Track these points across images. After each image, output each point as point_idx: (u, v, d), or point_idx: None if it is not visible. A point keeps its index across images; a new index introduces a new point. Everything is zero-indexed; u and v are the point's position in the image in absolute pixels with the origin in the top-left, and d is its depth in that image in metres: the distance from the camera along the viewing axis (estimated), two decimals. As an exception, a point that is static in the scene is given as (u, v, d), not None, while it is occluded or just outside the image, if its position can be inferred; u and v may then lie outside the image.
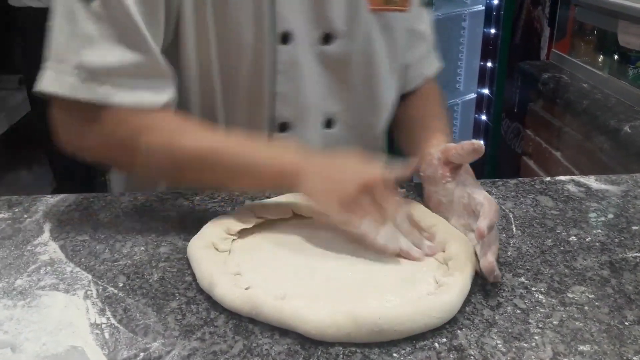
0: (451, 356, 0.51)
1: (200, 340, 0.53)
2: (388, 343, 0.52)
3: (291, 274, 0.61)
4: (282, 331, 0.53)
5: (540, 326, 0.55)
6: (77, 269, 0.63)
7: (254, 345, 0.52)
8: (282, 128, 0.82)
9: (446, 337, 0.53)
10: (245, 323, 0.55)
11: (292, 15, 0.76)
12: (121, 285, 0.60)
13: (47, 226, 0.71)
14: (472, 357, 0.51)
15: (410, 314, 0.53)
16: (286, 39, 0.76)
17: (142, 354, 0.51)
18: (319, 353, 0.51)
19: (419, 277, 0.61)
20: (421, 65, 0.95)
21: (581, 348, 0.52)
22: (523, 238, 0.70)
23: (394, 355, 0.51)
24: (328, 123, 0.85)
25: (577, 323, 0.56)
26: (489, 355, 0.51)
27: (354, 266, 0.62)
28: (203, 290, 0.59)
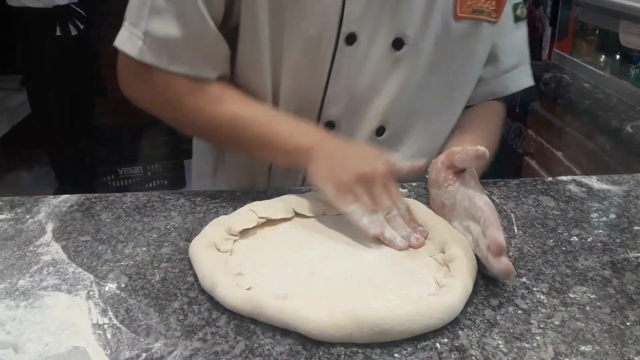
0: (452, 356, 0.51)
1: (202, 340, 0.53)
2: (389, 343, 0.52)
3: (292, 274, 0.61)
4: (284, 331, 0.53)
5: (541, 326, 0.55)
6: (79, 270, 0.63)
7: (256, 345, 0.52)
8: (328, 127, 0.82)
9: (447, 338, 0.53)
10: (246, 323, 0.55)
11: (361, 17, 0.75)
12: (123, 285, 0.60)
13: (50, 227, 0.71)
14: (474, 358, 0.51)
15: (411, 315, 0.53)
16: (351, 40, 0.76)
17: (144, 354, 0.51)
18: (321, 353, 0.51)
19: (420, 278, 0.61)
20: (495, 82, 0.91)
21: (583, 348, 0.52)
22: (525, 238, 0.70)
23: (396, 355, 0.51)
24: (379, 130, 0.84)
25: (579, 323, 0.56)
26: (491, 355, 0.51)
27: (356, 266, 0.63)
28: (205, 290, 0.59)
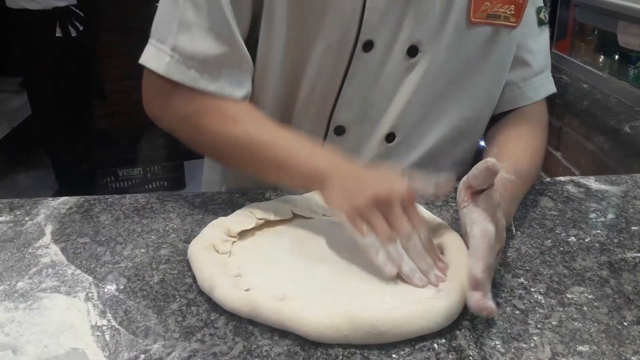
0: (450, 357, 0.51)
1: (200, 341, 0.53)
2: (387, 344, 0.52)
3: (291, 276, 0.61)
4: (282, 332, 0.54)
5: (539, 327, 0.55)
6: (78, 272, 0.63)
7: (254, 346, 0.52)
8: (339, 131, 0.82)
9: (445, 338, 0.53)
10: (245, 324, 0.55)
11: (379, 25, 0.75)
12: (122, 287, 0.60)
13: (49, 229, 0.72)
14: (471, 358, 0.51)
15: (408, 317, 0.53)
16: (368, 47, 0.76)
17: (143, 356, 0.51)
18: (319, 354, 0.51)
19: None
20: (526, 86, 0.88)
21: (580, 348, 0.52)
22: (522, 239, 0.70)
23: (393, 356, 0.51)
24: (389, 137, 0.83)
25: (576, 323, 0.56)
26: (488, 355, 0.51)
27: (354, 268, 0.63)
28: (203, 291, 0.59)
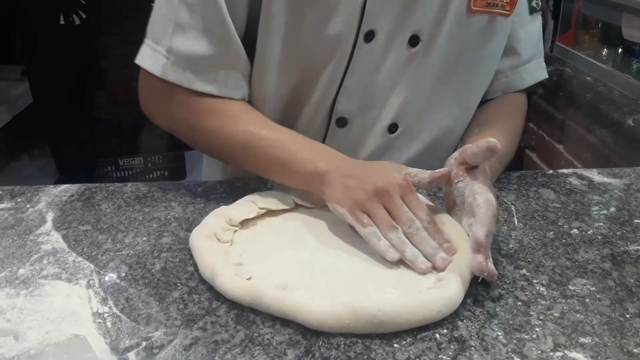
0: (452, 347, 0.51)
1: (202, 329, 0.53)
2: (389, 334, 0.52)
3: (292, 265, 0.61)
4: (284, 321, 0.54)
5: (541, 318, 0.55)
6: (80, 259, 0.63)
7: (256, 334, 0.52)
8: (341, 123, 0.82)
9: (447, 329, 0.53)
10: (246, 313, 0.55)
11: (381, 15, 0.75)
12: (123, 275, 0.60)
13: (50, 216, 0.72)
14: (473, 349, 0.51)
15: (409, 307, 0.53)
16: (369, 38, 0.76)
17: (144, 343, 0.51)
18: (320, 343, 0.51)
19: (420, 270, 0.61)
20: (513, 74, 0.90)
21: (582, 340, 0.52)
22: (525, 230, 0.70)
23: (395, 345, 0.51)
24: (391, 127, 0.83)
25: (578, 315, 0.56)
26: (490, 346, 0.51)
27: (355, 257, 0.63)
28: (205, 280, 0.59)
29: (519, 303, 0.57)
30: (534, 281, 0.61)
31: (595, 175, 0.85)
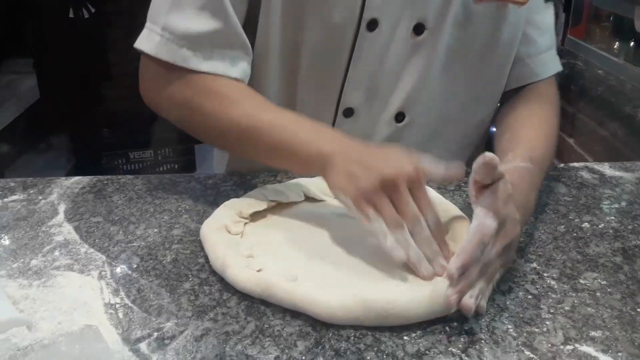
0: (462, 340, 0.51)
1: (212, 320, 0.53)
2: (398, 326, 0.52)
3: (303, 257, 0.61)
4: (294, 313, 0.54)
5: (551, 311, 0.55)
6: (92, 250, 0.63)
7: (266, 326, 0.52)
8: (347, 113, 0.81)
9: (457, 321, 0.53)
10: (257, 304, 0.55)
11: (383, 3, 0.74)
12: (135, 266, 0.61)
13: (62, 208, 0.72)
14: (483, 342, 0.51)
15: (418, 300, 0.53)
16: (372, 26, 0.75)
17: (156, 334, 0.51)
18: (330, 335, 0.52)
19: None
20: (532, 63, 0.86)
21: (592, 334, 0.52)
22: (536, 224, 0.70)
23: (405, 338, 0.51)
24: (398, 116, 0.82)
25: (589, 309, 0.55)
26: (500, 339, 0.51)
27: (365, 250, 0.62)
28: (216, 272, 0.59)
29: (530, 296, 0.57)
30: (545, 275, 0.60)
31: (606, 169, 0.85)
